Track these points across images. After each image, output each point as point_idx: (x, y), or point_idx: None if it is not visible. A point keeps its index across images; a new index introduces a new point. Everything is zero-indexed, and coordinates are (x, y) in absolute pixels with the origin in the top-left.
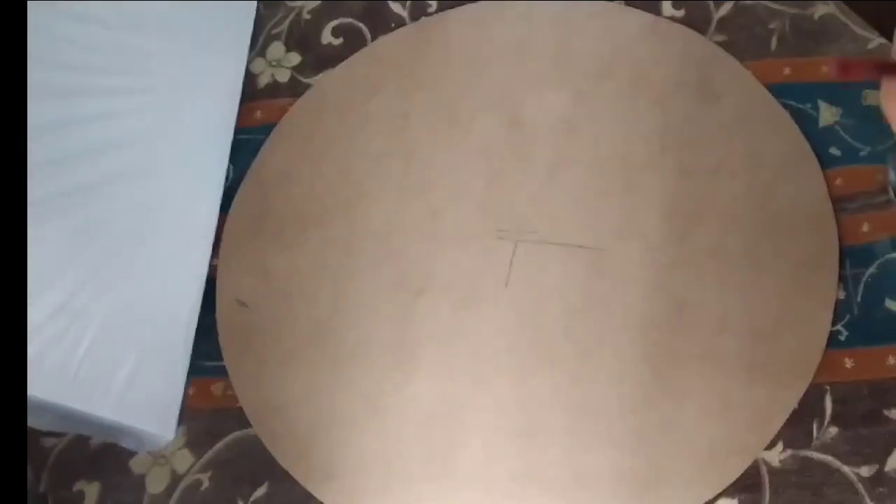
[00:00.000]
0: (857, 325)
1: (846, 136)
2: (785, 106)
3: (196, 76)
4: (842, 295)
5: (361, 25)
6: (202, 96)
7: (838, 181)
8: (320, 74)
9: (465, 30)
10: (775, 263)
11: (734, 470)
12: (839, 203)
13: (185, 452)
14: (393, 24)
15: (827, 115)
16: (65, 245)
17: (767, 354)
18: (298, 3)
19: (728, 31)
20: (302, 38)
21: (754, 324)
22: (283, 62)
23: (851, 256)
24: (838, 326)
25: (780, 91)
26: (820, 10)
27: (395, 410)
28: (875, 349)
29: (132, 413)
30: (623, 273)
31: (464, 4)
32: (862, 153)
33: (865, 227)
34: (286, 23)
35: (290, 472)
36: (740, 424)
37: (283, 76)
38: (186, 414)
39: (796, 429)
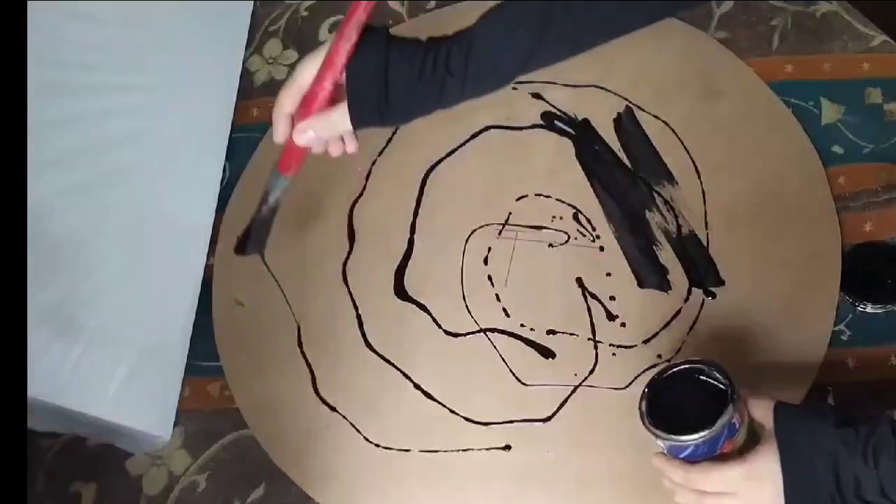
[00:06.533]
0: (860, 324)
1: (849, 134)
2: (787, 104)
3: (193, 74)
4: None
5: None
6: (198, 94)
7: (841, 179)
8: None
9: (464, 27)
10: (777, 262)
11: None
12: (841, 201)
13: (182, 453)
14: (391, 21)
15: (829, 112)
16: (60, 244)
17: (769, 354)
18: (296, 1)
19: (729, 29)
20: (299, 36)
21: (756, 323)
22: (280, 59)
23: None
24: (840, 326)
25: (781, 89)
26: (822, 8)
27: (394, 410)
28: (878, 349)
29: (129, 414)
30: (624, 272)
31: (462, 1)
32: (865, 151)
33: (868, 226)
34: (283, 20)
35: (288, 473)
36: None
37: (281, 74)
38: (183, 415)
39: None
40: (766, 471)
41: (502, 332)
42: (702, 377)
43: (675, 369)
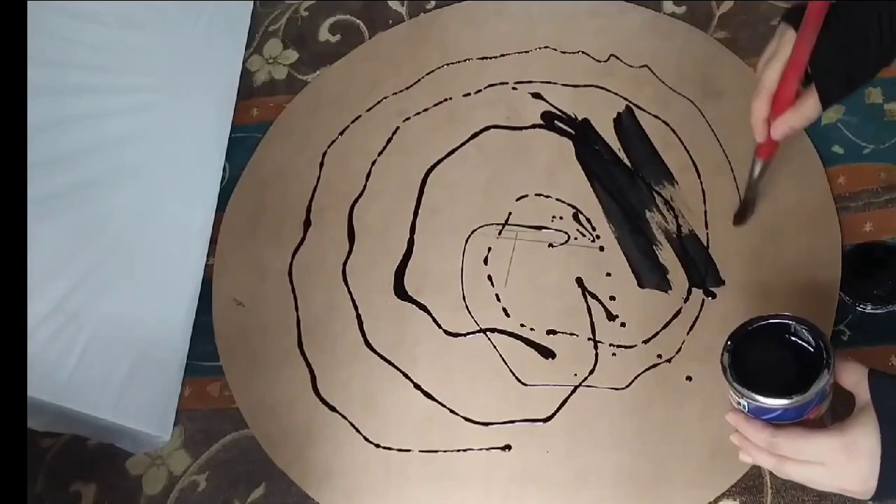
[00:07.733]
0: (860, 324)
1: (849, 134)
2: None
3: (193, 74)
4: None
5: (359, 22)
6: (199, 94)
7: (841, 179)
8: (317, 72)
9: (464, 26)
10: (777, 262)
11: (736, 470)
12: (841, 201)
13: (182, 453)
14: (391, 21)
15: (829, 112)
16: (60, 245)
17: None
18: (296, 1)
19: (730, 28)
20: (299, 36)
21: None
22: (280, 59)
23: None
24: (841, 326)
25: None
26: None
27: (394, 410)
28: (877, 349)
29: (129, 414)
30: (624, 272)
31: (462, 1)
32: (865, 151)
33: (868, 227)
34: (283, 20)
35: (287, 473)
36: None
37: (280, 73)
38: (183, 415)
39: None
40: (864, 445)
41: (502, 332)
42: (788, 335)
43: (760, 323)
